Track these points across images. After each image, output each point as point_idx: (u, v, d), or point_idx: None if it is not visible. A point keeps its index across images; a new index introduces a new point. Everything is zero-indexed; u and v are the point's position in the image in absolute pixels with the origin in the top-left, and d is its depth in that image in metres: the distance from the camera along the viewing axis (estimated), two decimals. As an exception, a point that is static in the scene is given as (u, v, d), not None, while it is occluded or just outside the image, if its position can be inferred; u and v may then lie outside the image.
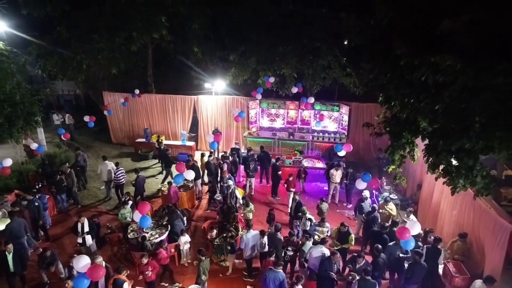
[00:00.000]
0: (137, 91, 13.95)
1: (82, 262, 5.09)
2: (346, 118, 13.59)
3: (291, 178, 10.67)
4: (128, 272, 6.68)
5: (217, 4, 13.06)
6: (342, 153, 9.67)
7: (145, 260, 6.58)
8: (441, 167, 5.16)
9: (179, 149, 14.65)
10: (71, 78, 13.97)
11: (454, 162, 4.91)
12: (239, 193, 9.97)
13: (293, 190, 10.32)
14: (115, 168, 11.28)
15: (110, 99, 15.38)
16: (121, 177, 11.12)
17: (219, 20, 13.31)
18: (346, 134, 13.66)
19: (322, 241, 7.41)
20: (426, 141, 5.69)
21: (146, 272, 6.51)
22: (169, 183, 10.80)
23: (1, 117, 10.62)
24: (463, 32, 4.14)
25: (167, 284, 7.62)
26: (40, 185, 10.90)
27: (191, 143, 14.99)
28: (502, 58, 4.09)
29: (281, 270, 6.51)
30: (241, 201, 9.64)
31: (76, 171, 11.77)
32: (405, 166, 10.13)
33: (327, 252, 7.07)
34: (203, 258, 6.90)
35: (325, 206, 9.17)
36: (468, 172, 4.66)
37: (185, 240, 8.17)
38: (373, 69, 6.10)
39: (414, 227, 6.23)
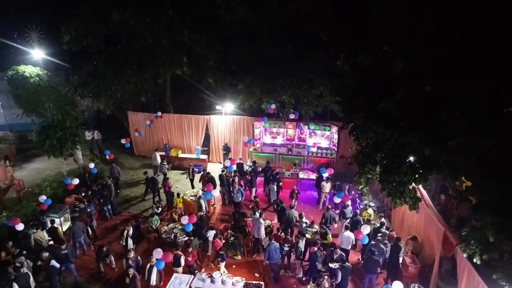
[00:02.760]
0: (159, 113, 16.45)
1: (158, 252, 8.14)
2: (336, 136, 16.05)
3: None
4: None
5: (228, 40, 15.51)
6: (325, 175, 12.24)
7: (189, 249, 9.27)
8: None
9: (193, 161, 17.16)
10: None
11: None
12: (204, 202, 12.48)
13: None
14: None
15: (134, 118, 17.93)
16: (164, 170, 15.45)
17: (229, 54, 15.74)
18: (336, 150, 16.12)
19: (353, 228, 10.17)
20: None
21: (188, 258, 9.08)
22: (167, 179, 14.06)
23: (54, 139, 13.16)
24: (395, 107, 6.62)
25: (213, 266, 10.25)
26: (85, 194, 13.38)
27: (204, 156, 17.50)
28: (419, 124, 6.58)
29: (275, 242, 9.47)
30: (203, 209, 12.22)
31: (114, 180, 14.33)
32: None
33: (352, 236, 9.86)
34: (193, 238, 9.77)
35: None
36: (401, 195, 7.14)
37: (213, 234, 10.64)
38: (347, 117, 8.59)
39: (366, 229, 8.76)
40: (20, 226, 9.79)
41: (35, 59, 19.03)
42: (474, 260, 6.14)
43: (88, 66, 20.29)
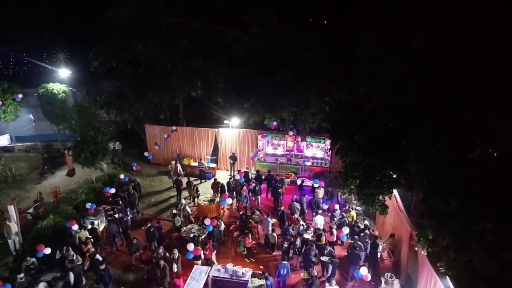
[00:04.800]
0: (174, 128, 18.74)
1: (191, 246, 10.45)
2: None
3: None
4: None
5: (235, 64, 17.75)
6: (316, 185, 14.53)
7: (207, 245, 11.43)
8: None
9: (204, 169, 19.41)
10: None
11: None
12: (188, 208, 14.72)
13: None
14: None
15: (151, 131, 20.22)
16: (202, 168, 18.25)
17: (236, 77, 17.95)
18: (329, 160, 18.34)
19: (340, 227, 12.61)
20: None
21: (206, 252, 11.31)
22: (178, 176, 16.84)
23: (87, 152, 15.40)
24: (366, 139, 8.83)
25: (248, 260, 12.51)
26: (112, 199, 15.60)
27: (213, 165, 19.75)
28: (383, 151, 8.79)
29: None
30: (189, 212, 14.36)
31: (134, 188, 16.54)
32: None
33: (322, 219, 13.00)
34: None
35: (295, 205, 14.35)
36: (372, 203, 9.36)
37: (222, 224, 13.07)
38: (333, 141, 10.83)
39: (346, 229, 11.01)
40: (75, 227, 12.05)
41: (62, 77, 21.32)
42: (423, 253, 8.35)
43: (106, 82, 22.59)
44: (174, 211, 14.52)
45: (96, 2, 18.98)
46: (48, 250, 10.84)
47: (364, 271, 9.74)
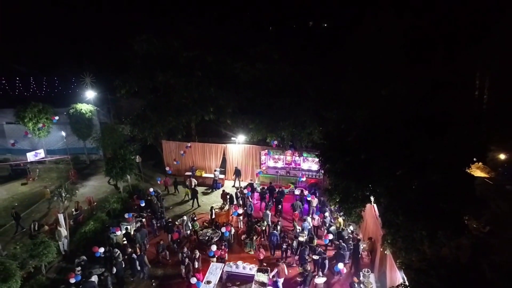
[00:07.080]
0: (189, 144, 21.62)
1: (214, 247, 13.10)
2: (323, 162, 21.11)
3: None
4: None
5: (241, 89, 20.63)
6: (309, 198, 17.41)
7: (222, 247, 14.26)
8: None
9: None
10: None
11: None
12: (188, 219, 17.09)
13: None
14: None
15: (167, 146, 23.09)
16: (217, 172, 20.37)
17: (242, 100, 20.82)
18: (323, 172, 21.12)
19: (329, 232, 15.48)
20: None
21: (221, 252, 14.16)
22: (165, 177, 19.67)
23: (118, 168, 18.27)
24: (345, 166, 11.67)
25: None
26: (137, 208, 18.45)
27: (222, 176, 22.62)
28: (357, 175, 11.64)
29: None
30: (190, 227, 16.55)
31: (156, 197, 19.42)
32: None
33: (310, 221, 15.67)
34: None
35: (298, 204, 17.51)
36: (350, 215, 12.22)
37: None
38: (322, 165, 13.70)
39: (330, 236, 13.88)
40: (118, 232, 14.93)
41: (88, 98, 24.23)
42: (386, 253, 11.19)
43: (124, 100, 25.47)
44: (177, 222, 17.31)
45: (121, 34, 21.89)
46: (102, 249, 13.72)
47: (340, 265, 12.64)
